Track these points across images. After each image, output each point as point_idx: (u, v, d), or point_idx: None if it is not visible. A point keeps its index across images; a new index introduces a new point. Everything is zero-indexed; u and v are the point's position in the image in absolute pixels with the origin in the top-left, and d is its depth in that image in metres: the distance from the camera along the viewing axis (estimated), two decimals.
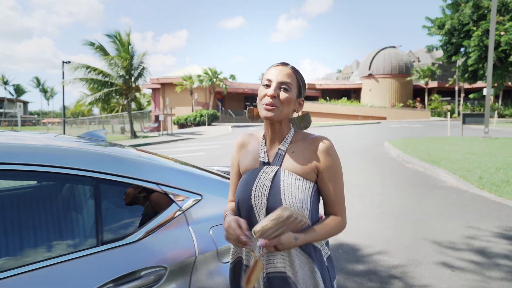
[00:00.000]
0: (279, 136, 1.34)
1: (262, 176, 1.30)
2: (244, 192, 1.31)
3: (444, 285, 3.09)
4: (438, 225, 4.65)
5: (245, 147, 1.41)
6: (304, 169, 1.28)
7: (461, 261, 3.56)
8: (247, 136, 1.44)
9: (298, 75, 1.33)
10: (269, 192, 1.26)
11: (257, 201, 1.27)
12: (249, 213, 1.29)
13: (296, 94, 1.31)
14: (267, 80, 1.29)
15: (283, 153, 1.32)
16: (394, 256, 3.71)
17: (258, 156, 1.36)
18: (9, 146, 1.37)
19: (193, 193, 1.65)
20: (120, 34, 21.25)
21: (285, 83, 1.27)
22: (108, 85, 21.52)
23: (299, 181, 1.27)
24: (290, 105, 1.29)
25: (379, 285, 3.10)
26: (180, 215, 1.57)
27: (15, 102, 75.40)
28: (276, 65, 1.33)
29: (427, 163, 8.88)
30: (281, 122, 1.32)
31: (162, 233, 1.49)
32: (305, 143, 1.32)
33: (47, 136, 1.79)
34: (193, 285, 1.46)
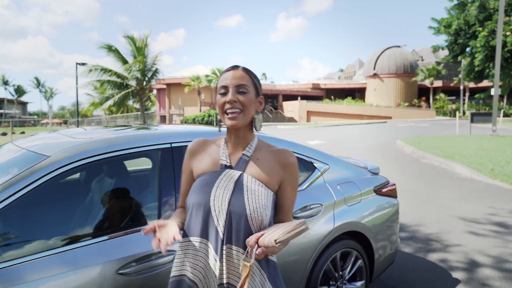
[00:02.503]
0: (243, 142, 1.35)
1: (224, 179, 1.29)
2: (201, 193, 1.28)
3: (472, 245, 4.07)
4: (460, 206, 5.65)
5: (199, 153, 1.39)
6: (268, 178, 1.31)
7: (484, 230, 4.55)
8: (201, 142, 1.42)
9: (252, 74, 1.34)
10: (231, 196, 1.26)
11: (216, 204, 1.26)
12: (206, 216, 1.27)
13: (254, 93, 1.32)
14: (222, 88, 1.29)
15: (247, 159, 1.33)
16: (428, 227, 4.70)
17: (217, 160, 1.35)
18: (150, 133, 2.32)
19: (324, 163, 2.65)
20: (133, 37, 22.20)
21: (241, 86, 1.28)
22: (123, 86, 22.51)
23: (262, 188, 1.29)
24: (252, 106, 1.30)
25: (421, 245, 4.10)
26: (320, 176, 2.56)
27: (14, 103, 76.24)
28: (227, 70, 1.33)
29: (441, 158, 9.89)
30: (245, 126, 1.33)
31: (315, 185, 2.48)
32: (270, 153, 1.35)
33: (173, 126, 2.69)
34: (335, 216, 2.46)
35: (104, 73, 22.54)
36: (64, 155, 1.66)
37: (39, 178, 1.56)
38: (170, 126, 2.51)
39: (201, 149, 1.40)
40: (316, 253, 2.35)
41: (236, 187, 1.27)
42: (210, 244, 1.26)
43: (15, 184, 1.52)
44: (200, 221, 1.27)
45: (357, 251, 2.64)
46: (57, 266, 1.49)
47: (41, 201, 1.60)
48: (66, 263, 1.51)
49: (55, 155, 1.66)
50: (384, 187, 2.96)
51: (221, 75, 1.34)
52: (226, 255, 1.24)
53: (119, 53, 21.68)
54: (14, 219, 1.52)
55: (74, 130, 2.31)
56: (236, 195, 1.26)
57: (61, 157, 1.65)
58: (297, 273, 2.27)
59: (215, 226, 1.25)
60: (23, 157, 1.80)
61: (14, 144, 2.19)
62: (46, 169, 1.59)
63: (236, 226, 1.24)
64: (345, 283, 2.60)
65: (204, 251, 1.27)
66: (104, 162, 1.77)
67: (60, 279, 1.47)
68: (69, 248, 1.56)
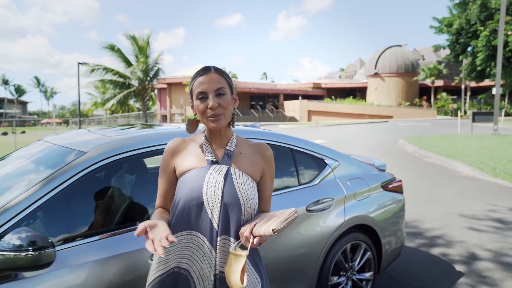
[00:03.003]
0: (224, 138, 1.41)
1: (213, 173, 1.34)
2: (192, 189, 1.32)
3: (473, 241, 4.22)
4: (462, 203, 5.80)
5: (180, 151, 1.42)
6: (252, 170, 1.40)
7: (484, 226, 4.70)
8: (180, 141, 1.44)
9: (224, 74, 1.37)
10: (223, 188, 1.32)
11: (209, 197, 1.30)
12: (198, 210, 1.31)
13: (230, 93, 1.37)
14: (200, 94, 1.32)
15: (231, 154, 1.40)
16: (431, 223, 4.85)
17: (201, 156, 1.39)
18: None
19: (334, 160, 2.79)
20: (135, 37, 22.34)
21: (219, 89, 1.32)
22: (125, 86, 22.67)
23: (248, 179, 1.37)
24: (230, 106, 1.36)
25: (425, 240, 4.25)
26: (331, 172, 2.71)
27: (15, 102, 76.38)
28: (201, 74, 1.34)
29: (443, 157, 10.04)
30: (227, 125, 1.40)
31: (326, 180, 2.63)
32: (250, 147, 1.45)
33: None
34: (346, 210, 2.61)
35: (106, 72, 22.70)
36: (100, 151, 1.81)
37: (78, 172, 1.71)
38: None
39: (182, 147, 1.42)
40: (328, 244, 2.50)
41: (226, 180, 1.33)
42: (203, 236, 1.31)
43: (58, 177, 1.66)
44: (192, 215, 1.31)
45: (366, 244, 2.79)
46: (98, 252, 1.64)
47: (80, 193, 1.75)
48: (105, 249, 1.66)
49: (91, 151, 1.81)
50: (391, 183, 3.11)
51: (194, 79, 1.35)
52: (221, 245, 1.30)
53: (121, 53, 21.84)
54: (57, 210, 1.66)
55: (102, 129, 2.46)
56: (228, 188, 1.32)
57: (98, 153, 1.80)
58: (311, 264, 2.42)
59: (209, 219, 1.30)
60: (61, 152, 1.94)
61: (46, 141, 2.34)
62: (85, 164, 1.74)
63: (231, 217, 1.31)
64: (355, 274, 2.76)
65: (197, 243, 1.32)
66: (136, 157, 1.92)
67: (101, 263, 1.62)
68: (107, 236, 1.71)
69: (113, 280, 1.62)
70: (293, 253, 2.32)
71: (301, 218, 2.36)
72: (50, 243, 1.36)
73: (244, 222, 1.32)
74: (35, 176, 1.79)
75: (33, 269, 1.34)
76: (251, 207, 1.34)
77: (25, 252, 1.31)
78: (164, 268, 1.34)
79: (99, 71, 22.91)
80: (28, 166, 2.12)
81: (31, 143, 2.50)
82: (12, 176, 2.05)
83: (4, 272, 1.35)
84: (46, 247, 1.34)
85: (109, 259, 1.65)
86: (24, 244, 1.32)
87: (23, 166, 2.16)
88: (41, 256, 1.32)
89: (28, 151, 2.30)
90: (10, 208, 1.52)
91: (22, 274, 1.44)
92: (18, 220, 1.51)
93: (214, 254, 1.31)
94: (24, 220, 1.53)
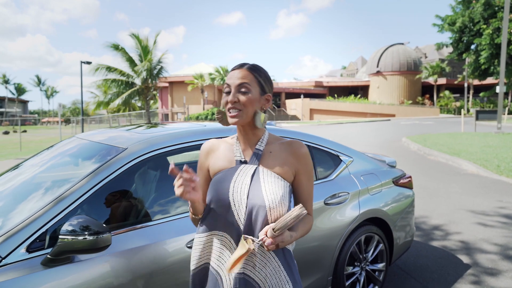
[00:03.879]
0: (254, 137, 1.40)
1: (240, 174, 1.35)
2: (219, 190, 1.35)
3: (480, 235, 4.38)
4: (467, 200, 5.96)
5: (213, 152, 1.46)
6: (283, 169, 1.36)
7: (491, 221, 4.86)
8: (213, 142, 1.49)
9: (257, 72, 1.36)
10: (249, 189, 1.32)
11: (235, 198, 1.31)
12: (226, 210, 1.33)
13: (259, 92, 1.35)
14: (226, 87, 1.35)
15: (260, 153, 1.38)
16: (438, 219, 5.01)
17: (231, 157, 1.40)
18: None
19: (348, 156, 2.96)
20: (138, 36, 22.48)
21: (242, 85, 1.32)
22: (129, 85, 22.84)
23: (277, 179, 1.34)
24: (253, 105, 1.33)
25: (433, 235, 4.41)
26: (345, 168, 2.87)
27: (15, 101, 76.64)
28: (232, 69, 1.38)
29: (448, 155, 10.19)
30: (251, 123, 1.36)
31: (341, 176, 2.79)
32: (282, 145, 1.40)
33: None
34: (360, 203, 2.77)
35: (109, 71, 22.85)
36: (140, 147, 1.97)
37: (121, 166, 1.87)
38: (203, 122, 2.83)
39: (215, 148, 1.46)
40: (344, 236, 2.66)
41: (252, 180, 1.33)
42: (230, 237, 1.33)
43: (104, 171, 1.83)
44: (220, 216, 1.33)
45: (378, 236, 2.95)
46: (141, 239, 1.80)
47: (122, 186, 1.91)
48: (146, 237, 1.82)
49: (131, 147, 1.98)
50: (401, 178, 3.27)
51: (228, 72, 1.40)
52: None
53: (125, 52, 21.99)
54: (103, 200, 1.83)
55: (131, 127, 2.62)
56: (254, 188, 1.31)
57: (137, 148, 1.96)
58: (328, 254, 2.58)
59: (235, 220, 1.32)
60: (101, 148, 2.11)
61: (79, 138, 2.51)
62: (127, 159, 1.90)
63: (256, 218, 1.29)
64: (368, 264, 2.92)
65: (225, 244, 1.35)
66: (171, 153, 2.08)
67: (143, 249, 1.79)
68: (149, 225, 1.87)
69: (154, 264, 1.79)
70: (312, 244, 2.49)
71: (320, 211, 2.52)
72: (106, 228, 1.52)
73: (271, 222, 1.30)
74: (82, 170, 1.95)
75: (91, 251, 1.50)
76: (279, 208, 1.28)
77: (83, 236, 1.47)
78: (197, 262, 1.40)
79: (102, 70, 23.07)
80: (71, 160, 2.29)
81: (64, 140, 2.66)
82: (59, 169, 2.22)
83: (65, 254, 1.52)
84: (103, 232, 1.50)
85: (150, 246, 1.81)
86: (83, 230, 1.48)
87: (66, 160, 2.32)
88: (99, 240, 1.49)
89: (65, 147, 2.47)
90: (65, 198, 1.69)
91: (79, 257, 1.60)
92: (72, 208, 1.68)
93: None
94: (76, 209, 1.70)
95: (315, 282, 2.54)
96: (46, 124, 72.15)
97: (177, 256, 1.87)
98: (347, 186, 2.77)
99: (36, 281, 1.49)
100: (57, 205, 1.66)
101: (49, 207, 1.65)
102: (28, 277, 1.48)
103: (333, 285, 2.67)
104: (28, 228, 1.57)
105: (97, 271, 1.63)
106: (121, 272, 1.69)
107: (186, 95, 40.59)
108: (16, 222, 1.61)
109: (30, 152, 14.81)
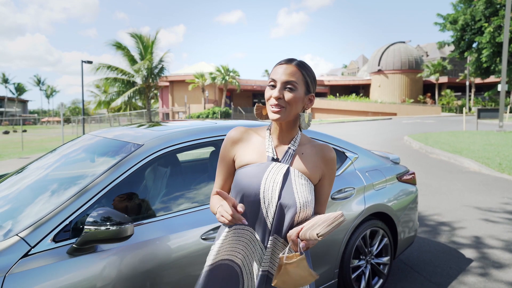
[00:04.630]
0: (288, 136, 1.39)
1: (272, 171, 1.33)
2: (250, 184, 1.33)
3: (483, 231, 4.47)
4: (470, 197, 6.06)
5: (242, 142, 1.42)
6: (312, 173, 1.37)
7: (494, 217, 4.95)
8: (243, 130, 1.44)
9: (305, 71, 1.34)
10: (281, 189, 1.31)
11: (266, 196, 1.31)
12: (254, 206, 1.32)
13: (304, 91, 1.34)
14: (272, 81, 1.32)
15: (293, 153, 1.37)
16: (441, 215, 5.10)
17: (262, 151, 1.38)
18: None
19: (353, 153, 3.05)
20: (142, 36, 22.55)
21: (289, 82, 1.30)
22: (131, 84, 22.94)
23: (307, 182, 1.35)
24: (298, 104, 1.32)
25: (436, 231, 4.50)
26: (351, 164, 2.96)
27: (15, 101, 76.79)
28: (280, 63, 1.35)
29: (450, 153, 10.28)
30: (290, 121, 1.36)
31: (347, 171, 2.89)
32: (313, 148, 1.41)
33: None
34: (365, 198, 2.87)
35: (110, 71, 22.95)
36: (156, 143, 2.07)
37: (139, 162, 1.96)
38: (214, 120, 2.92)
39: (244, 138, 1.42)
40: (350, 230, 2.75)
41: (284, 180, 1.32)
42: (256, 234, 1.34)
43: (123, 165, 1.92)
44: (248, 211, 1.32)
45: (383, 230, 3.05)
46: (158, 231, 1.90)
47: (140, 180, 2.01)
48: (164, 229, 1.92)
49: (148, 143, 2.07)
50: (405, 175, 3.36)
51: (274, 67, 1.35)
52: (272, 245, 1.32)
53: (128, 51, 22.08)
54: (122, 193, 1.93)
55: (144, 124, 2.72)
56: (286, 188, 1.31)
57: (154, 144, 2.06)
58: (335, 247, 2.68)
59: (263, 217, 1.31)
60: (117, 145, 2.20)
61: (94, 135, 2.60)
62: (144, 154, 1.99)
63: (285, 218, 1.31)
64: (373, 258, 3.01)
65: (250, 239, 1.35)
66: (185, 149, 2.18)
67: (161, 240, 1.88)
68: (166, 217, 1.97)
69: (170, 254, 1.88)
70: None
71: (327, 205, 2.62)
72: (129, 219, 1.62)
73: (297, 225, 1.31)
74: (101, 165, 2.05)
75: (114, 241, 1.59)
76: (307, 211, 1.31)
77: (106, 226, 1.57)
78: (215, 257, 1.38)
79: (103, 69, 23.17)
80: (90, 156, 2.38)
81: (79, 136, 2.76)
82: (79, 164, 2.31)
83: (90, 244, 1.61)
84: (125, 223, 1.59)
85: (168, 237, 1.91)
86: (106, 221, 1.57)
87: (84, 156, 2.42)
88: (121, 230, 1.58)
89: (83, 144, 2.57)
90: (87, 191, 1.79)
91: (101, 246, 1.70)
92: (94, 201, 1.77)
93: (264, 251, 1.34)
94: (98, 201, 1.79)
95: (323, 274, 2.63)
96: (46, 123, 72.34)
97: (192, 248, 1.96)
98: (353, 182, 2.86)
99: (62, 268, 1.59)
100: (80, 198, 1.75)
101: (73, 200, 1.74)
102: (55, 265, 1.58)
103: (340, 278, 2.76)
104: (53, 219, 1.66)
105: (117, 260, 1.73)
106: (140, 261, 1.78)
107: (187, 94, 40.68)
108: (42, 214, 1.70)
109: (32, 152, 14.92)
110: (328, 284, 2.69)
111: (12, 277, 1.47)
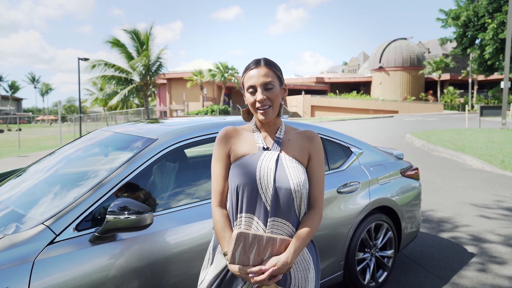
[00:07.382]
0: (274, 127, 1.56)
1: (265, 159, 1.48)
2: (246, 174, 1.46)
3: (484, 227, 4.61)
4: (472, 194, 6.19)
5: (234, 137, 1.57)
6: (301, 155, 1.54)
7: (495, 214, 5.09)
8: (232, 129, 1.59)
9: (273, 67, 1.50)
10: (275, 173, 1.46)
11: (263, 182, 1.44)
12: (254, 194, 1.44)
13: (279, 84, 1.50)
14: (250, 88, 1.47)
15: (280, 141, 1.54)
16: (444, 211, 5.24)
17: (254, 144, 1.54)
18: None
19: (358, 148, 3.17)
20: (138, 32, 22.58)
21: (268, 83, 1.46)
22: (127, 82, 23.00)
23: (298, 164, 1.51)
24: (279, 98, 1.50)
25: (439, 226, 4.63)
26: (356, 159, 3.08)
27: (9, 99, 76.69)
28: (250, 68, 1.49)
29: (452, 151, 10.42)
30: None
31: (352, 166, 3.01)
32: (298, 134, 1.59)
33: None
34: (370, 192, 2.99)
35: (107, 68, 22.96)
36: (170, 137, 2.18)
37: (154, 155, 2.08)
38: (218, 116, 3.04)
39: (235, 134, 1.57)
40: (356, 223, 2.88)
41: (277, 165, 1.47)
42: (257, 218, 1.45)
43: (139, 159, 2.03)
44: (247, 199, 1.44)
45: (387, 224, 3.17)
46: (173, 221, 2.01)
47: (154, 173, 2.12)
48: (178, 220, 2.04)
49: (161, 137, 2.18)
50: (409, 170, 3.49)
51: (245, 73, 1.50)
52: (271, 226, 1.44)
53: (125, 48, 22.12)
54: (135, 187, 2.04)
55: (157, 120, 2.84)
56: (279, 172, 1.45)
57: (167, 139, 2.17)
58: (341, 240, 2.80)
59: (262, 202, 1.44)
60: (131, 139, 2.32)
61: (105, 130, 2.72)
62: (158, 148, 2.11)
63: (282, 200, 1.44)
64: (378, 251, 3.14)
65: (252, 225, 1.45)
66: (197, 143, 2.29)
67: (175, 231, 2.00)
68: (180, 209, 2.09)
69: (186, 243, 2.00)
70: (327, 230, 2.70)
71: (333, 199, 2.74)
72: (148, 208, 1.73)
73: (296, 204, 1.47)
74: (117, 159, 2.16)
75: (134, 229, 1.71)
76: (302, 190, 1.46)
77: (126, 216, 1.68)
78: (217, 265, 1.51)
79: (100, 66, 23.17)
80: (104, 150, 2.50)
81: (90, 132, 2.87)
82: (96, 158, 2.43)
83: (111, 232, 1.73)
84: (144, 212, 1.71)
85: (183, 227, 2.02)
86: (126, 210, 1.69)
87: (99, 150, 2.54)
88: (141, 219, 1.70)
89: (94, 139, 2.68)
90: (106, 184, 1.90)
91: (120, 235, 1.81)
92: (112, 193, 1.89)
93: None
94: (118, 191, 1.91)
95: (329, 266, 2.75)
96: (41, 122, 72.34)
97: (207, 238, 2.07)
98: (358, 176, 2.99)
99: (85, 255, 1.70)
100: (98, 190, 1.87)
101: (92, 192, 1.86)
102: (79, 252, 1.69)
103: (345, 270, 2.89)
104: (75, 209, 1.78)
105: (137, 248, 1.85)
106: (157, 250, 1.90)
107: (186, 92, 40.76)
108: (64, 205, 1.82)
109: (30, 151, 15.01)
110: (334, 275, 2.82)
111: (40, 262, 1.59)
